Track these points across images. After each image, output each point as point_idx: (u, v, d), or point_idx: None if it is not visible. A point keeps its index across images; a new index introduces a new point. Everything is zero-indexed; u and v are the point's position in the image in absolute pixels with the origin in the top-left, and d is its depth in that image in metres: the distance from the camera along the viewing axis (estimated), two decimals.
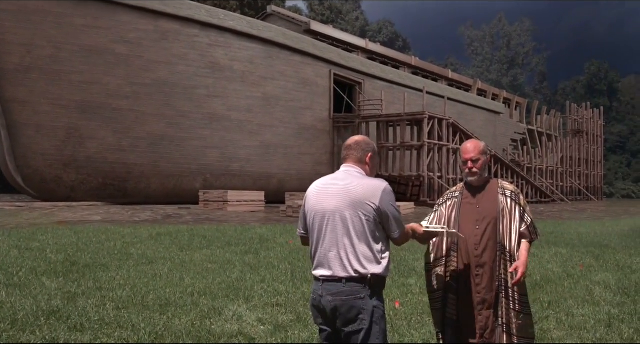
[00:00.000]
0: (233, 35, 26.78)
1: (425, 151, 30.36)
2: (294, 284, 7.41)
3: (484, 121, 46.11)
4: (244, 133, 27.21)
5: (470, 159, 3.68)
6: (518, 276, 3.48)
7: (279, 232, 14.18)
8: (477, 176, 3.70)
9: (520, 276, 3.48)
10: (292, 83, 29.54)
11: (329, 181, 3.10)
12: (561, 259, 10.16)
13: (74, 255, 9.49)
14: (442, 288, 3.70)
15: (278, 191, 27.31)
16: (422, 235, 3.44)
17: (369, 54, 37.91)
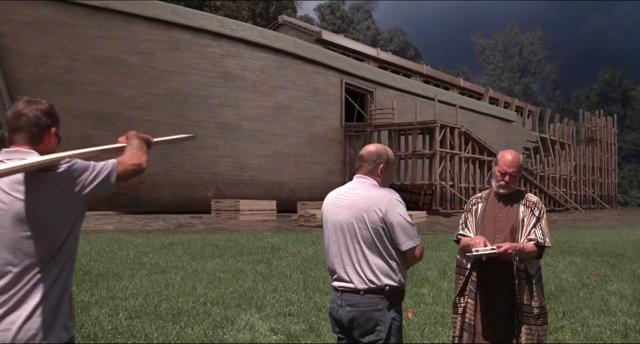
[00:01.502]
0: (245, 45, 26.93)
1: (437, 160, 30.27)
2: (306, 294, 7.39)
3: (496, 129, 45.93)
4: (255, 142, 27.29)
5: (509, 173, 3.67)
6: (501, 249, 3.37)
7: (290, 241, 14.17)
8: (508, 189, 3.70)
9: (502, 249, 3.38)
10: (304, 92, 29.61)
11: (341, 193, 3.11)
12: (576, 269, 10.06)
13: (87, 264, 9.54)
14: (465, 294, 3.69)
15: (290, 200, 27.32)
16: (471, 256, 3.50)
17: (380, 63, 37.94)
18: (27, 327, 2.03)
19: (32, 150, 2.17)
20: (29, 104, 2.23)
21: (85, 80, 22.95)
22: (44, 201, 2.07)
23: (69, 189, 2.11)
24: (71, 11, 22.49)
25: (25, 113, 2.21)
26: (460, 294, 3.71)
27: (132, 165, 2.31)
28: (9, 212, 2.05)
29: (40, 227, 2.07)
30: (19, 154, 2.13)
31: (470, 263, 3.69)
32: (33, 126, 2.21)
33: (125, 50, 23.55)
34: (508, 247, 3.38)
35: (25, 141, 2.19)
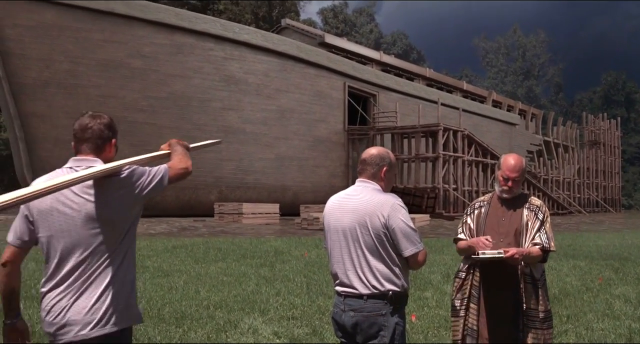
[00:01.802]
0: (248, 48, 26.98)
1: (440, 163, 30.25)
2: (309, 298, 7.38)
3: (499, 132, 45.88)
4: (259, 146, 27.31)
5: (512, 178, 3.65)
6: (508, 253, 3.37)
7: (294, 244, 14.16)
8: (512, 194, 3.68)
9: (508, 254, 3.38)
10: (307, 96, 29.64)
11: (343, 197, 3.10)
12: (580, 272, 10.03)
13: None
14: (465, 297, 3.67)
15: (293, 203, 27.32)
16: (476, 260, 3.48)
17: (383, 66, 37.97)
18: (93, 310, 2.37)
19: (97, 158, 2.53)
20: (94, 118, 2.59)
21: (88, 84, 23.02)
22: (110, 202, 2.42)
23: (131, 191, 2.48)
24: (75, 15, 22.57)
25: (91, 126, 2.56)
26: (460, 297, 3.70)
27: (180, 169, 2.66)
28: (81, 212, 2.40)
29: (107, 224, 2.42)
30: (86, 162, 2.51)
31: (467, 266, 3.68)
32: (97, 138, 2.56)
33: (128, 54, 23.62)
34: (515, 252, 3.37)
35: (90, 150, 2.56)
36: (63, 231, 2.41)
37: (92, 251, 2.40)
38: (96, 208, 2.39)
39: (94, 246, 2.41)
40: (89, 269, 2.40)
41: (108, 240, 2.42)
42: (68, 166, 2.56)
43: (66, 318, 2.36)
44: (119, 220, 2.46)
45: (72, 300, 2.38)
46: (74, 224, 2.40)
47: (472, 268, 3.66)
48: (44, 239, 2.45)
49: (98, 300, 2.38)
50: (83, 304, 2.37)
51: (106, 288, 2.40)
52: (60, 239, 2.41)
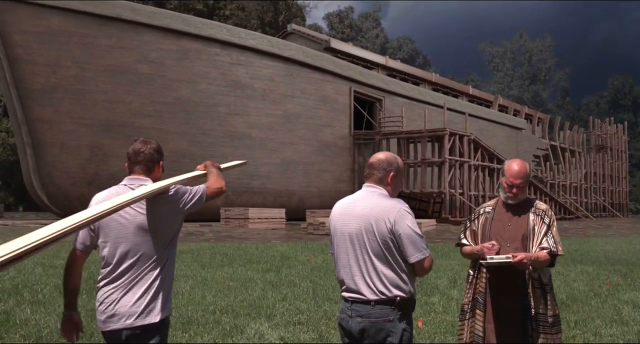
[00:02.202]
0: (254, 53, 27.05)
1: (446, 168, 30.19)
2: (315, 303, 7.36)
3: (505, 137, 45.79)
4: (264, 150, 27.34)
5: (517, 185, 3.62)
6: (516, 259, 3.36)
7: (300, 249, 14.14)
8: (517, 200, 3.66)
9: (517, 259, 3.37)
10: (313, 100, 29.67)
11: (349, 202, 3.08)
12: (587, 278, 9.97)
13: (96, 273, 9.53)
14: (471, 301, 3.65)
15: (299, 208, 27.32)
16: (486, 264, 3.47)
17: (389, 71, 37.98)
18: (138, 304, 2.81)
19: (147, 178, 2.99)
20: (145, 144, 3.07)
21: (95, 89, 23.12)
22: (158, 214, 2.87)
23: (175, 207, 2.92)
24: (82, 21, 22.70)
25: (143, 151, 3.03)
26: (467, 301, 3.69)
27: (216, 188, 3.09)
28: (133, 222, 2.85)
29: (154, 234, 2.86)
30: (139, 181, 2.97)
31: (475, 271, 3.66)
32: (148, 161, 3.02)
33: (135, 60, 23.72)
34: (523, 257, 3.35)
35: (142, 171, 3.02)
36: (118, 237, 2.85)
37: (141, 255, 2.84)
38: (147, 220, 2.85)
39: (142, 251, 2.85)
40: (138, 270, 2.84)
41: (154, 247, 2.87)
42: (124, 183, 3.01)
43: (115, 309, 2.81)
44: (164, 230, 2.90)
45: (121, 295, 2.81)
46: (127, 232, 2.85)
47: (478, 273, 3.65)
48: (102, 244, 2.90)
49: (142, 296, 2.82)
50: (129, 298, 2.80)
51: (150, 286, 2.84)
52: (116, 245, 2.85)
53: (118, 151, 23.66)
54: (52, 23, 22.31)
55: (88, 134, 23.23)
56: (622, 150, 60.29)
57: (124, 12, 23.44)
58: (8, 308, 6.73)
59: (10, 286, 8.26)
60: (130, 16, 23.51)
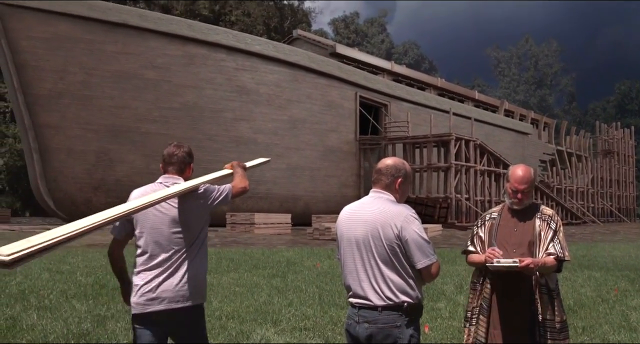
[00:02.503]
0: (259, 59, 27.11)
1: (452, 173, 30.14)
2: (321, 308, 7.35)
3: (511, 141, 45.69)
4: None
5: (521, 190, 3.61)
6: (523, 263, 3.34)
7: (306, 255, 14.13)
8: (522, 205, 3.65)
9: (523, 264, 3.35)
10: (318, 106, 29.70)
11: (356, 207, 3.07)
12: (595, 283, 9.91)
13: (103, 278, 9.57)
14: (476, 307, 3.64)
15: (304, 213, 27.30)
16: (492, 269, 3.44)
17: (394, 76, 37.99)
18: (177, 289, 3.14)
19: (180, 177, 3.39)
20: (178, 148, 3.47)
21: (102, 95, 23.22)
22: (189, 209, 3.24)
23: (204, 202, 3.30)
24: (89, 27, 22.82)
25: (176, 154, 3.43)
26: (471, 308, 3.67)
27: (240, 188, 3.48)
28: (167, 216, 3.21)
29: (186, 226, 3.22)
30: (172, 180, 3.36)
31: (481, 278, 3.65)
32: (181, 162, 3.42)
33: (141, 65, 23.81)
34: (530, 262, 3.33)
35: (175, 171, 3.41)
36: (154, 228, 3.21)
37: (175, 244, 3.18)
38: (179, 214, 3.21)
39: (176, 241, 3.19)
40: (172, 258, 3.17)
41: (186, 238, 3.21)
42: (159, 181, 3.39)
43: (156, 293, 3.12)
44: (194, 223, 3.25)
45: (160, 281, 3.14)
46: (162, 223, 3.20)
47: (483, 278, 3.63)
48: (139, 234, 3.24)
49: (179, 282, 3.15)
50: (168, 284, 3.13)
51: (185, 273, 3.17)
52: (152, 235, 3.20)
53: (124, 156, 23.74)
54: (59, 29, 22.44)
55: (94, 139, 23.31)
56: (629, 155, 60.03)
57: (130, 18, 23.55)
58: (15, 313, 6.75)
59: (17, 291, 8.28)
60: (137, 22, 23.62)
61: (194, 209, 3.25)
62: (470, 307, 3.68)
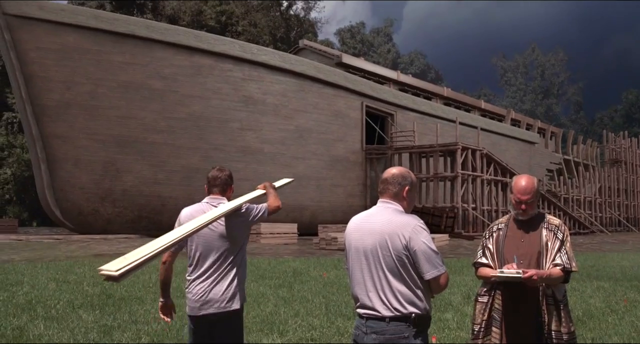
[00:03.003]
0: (266, 69, 27.21)
1: (459, 182, 30.07)
2: (328, 319, 7.32)
3: (518, 151, 45.58)
4: (276, 165, 27.38)
5: (525, 201, 3.60)
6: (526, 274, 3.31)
7: (312, 265, 14.09)
8: (527, 215, 3.63)
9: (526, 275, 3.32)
10: (325, 115, 29.73)
11: (364, 218, 3.06)
12: (604, 294, 9.84)
13: (109, 288, 9.57)
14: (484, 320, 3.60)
15: (311, 223, 27.27)
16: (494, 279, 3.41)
17: (400, 86, 38.03)
18: (225, 293, 3.66)
19: (223, 197, 3.89)
20: (221, 171, 3.97)
21: (109, 105, 23.34)
22: (234, 226, 3.76)
23: (246, 219, 3.83)
24: (97, 38, 22.98)
25: (220, 177, 3.94)
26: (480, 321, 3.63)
27: (275, 207, 3.95)
28: (216, 232, 3.72)
29: (232, 240, 3.75)
30: (217, 200, 3.87)
31: (488, 289, 3.62)
32: (224, 184, 3.95)
33: (148, 76, 23.94)
34: (534, 273, 3.31)
35: (219, 192, 3.92)
36: (205, 242, 3.72)
37: (222, 255, 3.71)
38: (226, 229, 3.73)
39: (222, 252, 3.72)
40: (221, 267, 3.69)
41: (231, 249, 3.73)
42: (206, 201, 3.89)
43: (207, 297, 3.64)
44: (238, 237, 3.78)
45: (211, 286, 3.65)
46: (212, 238, 3.71)
47: (493, 290, 3.61)
48: (191, 246, 3.76)
49: (227, 287, 3.67)
50: (218, 289, 3.65)
51: (232, 280, 3.69)
52: (203, 247, 3.72)
53: (131, 166, 23.81)
54: (68, 40, 22.61)
55: (101, 149, 23.41)
56: (636, 164, 59.73)
57: (137, 29, 23.71)
58: (22, 324, 6.75)
59: (24, 301, 8.29)
60: (144, 33, 23.77)
61: (238, 225, 3.78)
62: (478, 320, 3.65)
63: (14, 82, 22.94)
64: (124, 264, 2.95)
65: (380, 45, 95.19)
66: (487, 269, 3.63)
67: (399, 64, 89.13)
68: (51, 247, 18.07)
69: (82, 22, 22.72)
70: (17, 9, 21.97)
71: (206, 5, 57.64)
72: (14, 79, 22.66)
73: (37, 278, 10.72)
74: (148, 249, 3.18)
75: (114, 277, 2.89)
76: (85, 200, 23.36)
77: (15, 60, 22.20)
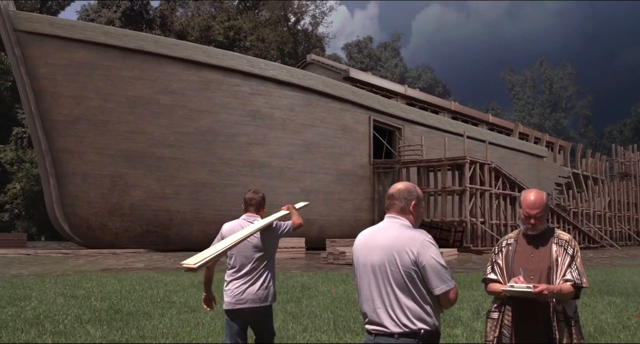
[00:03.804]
0: (273, 83, 27.31)
1: (467, 196, 29.95)
2: (336, 334, 7.26)
3: (526, 164, 45.41)
4: (284, 180, 27.39)
5: (534, 215, 3.58)
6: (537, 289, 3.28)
7: (320, 280, 14.02)
8: (537, 230, 3.61)
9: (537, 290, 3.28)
10: (332, 129, 29.77)
11: (372, 233, 3.05)
12: (615, 309, 9.72)
13: (117, 303, 9.55)
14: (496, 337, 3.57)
15: (318, 237, 27.19)
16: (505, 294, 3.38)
17: (408, 100, 38.05)
18: (259, 293, 4.51)
19: (257, 215, 4.80)
20: (256, 193, 4.87)
21: (118, 120, 23.47)
22: (266, 239, 4.61)
23: (276, 233, 4.70)
24: (106, 53, 23.18)
25: (255, 198, 4.84)
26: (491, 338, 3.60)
27: (298, 223, 4.87)
28: (251, 243, 4.55)
29: (264, 250, 4.59)
30: (253, 217, 4.76)
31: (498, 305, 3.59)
32: (258, 205, 4.83)
33: (157, 91, 24.09)
34: (544, 288, 3.28)
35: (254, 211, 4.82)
36: (243, 251, 4.56)
37: (256, 262, 4.57)
38: (260, 242, 4.59)
39: (256, 259, 4.57)
40: (254, 272, 4.55)
41: (263, 257, 4.59)
42: (244, 218, 4.76)
43: (243, 296, 4.50)
44: (269, 248, 4.65)
45: (246, 287, 4.51)
46: (247, 248, 4.56)
47: (503, 306, 3.57)
48: (231, 253, 4.57)
49: (260, 288, 4.52)
50: (252, 289, 4.51)
51: (263, 282, 4.55)
52: (241, 255, 4.57)
53: (139, 180, 23.88)
54: (77, 56, 22.81)
55: (110, 164, 23.51)
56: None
57: (147, 45, 23.90)
58: (30, 339, 6.74)
59: (32, 316, 8.28)
60: (153, 48, 23.95)
61: (270, 238, 4.64)
62: (490, 337, 3.61)
63: (24, 98, 23.15)
64: (199, 259, 4.05)
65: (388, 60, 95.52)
66: (497, 285, 3.61)
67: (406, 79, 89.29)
68: (59, 262, 18.10)
69: (91, 38, 22.95)
70: (28, 25, 22.22)
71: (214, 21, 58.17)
72: (24, 94, 22.87)
73: (45, 292, 10.73)
74: (211, 251, 4.23)
75: (193, 268, 4.00)
76: (93, 214, 23.42)
77: (25, 76, 22.41)
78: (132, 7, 53.76)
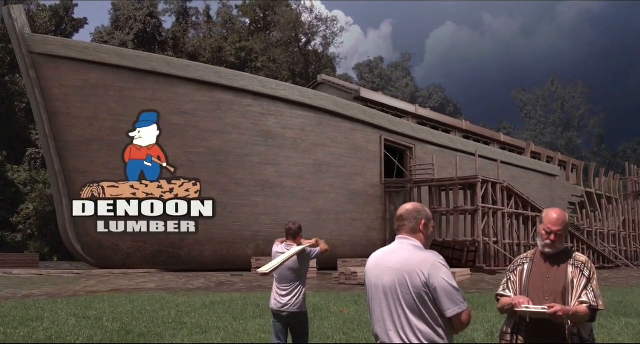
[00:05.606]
0: (285, 104, 27.44)
1: (479, 216, 29.73)
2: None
3: (539, 184, 45.12)
4: (295, 199, 27.38)
5: (555, 231, 3.55)
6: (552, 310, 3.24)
7: (332, 300, 13.92)
8: (554, 249, 3.57)
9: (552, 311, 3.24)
10: (343, 149, 29.79)
11: (384, 255, 3.03)
12: (633, 331, 9.55)
13: (129, 324, 9.52)
14: None
15: (330, 257, 26.92)
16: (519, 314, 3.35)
17: (419, 119, 38.04)
18: (294, 302, 5.99)
19: (294, 243, 6.20)
20: (293, 224, 6.31)
21: (130, 141, 23.65)
22: (300, 260, 6.11)
23: (307, 257, 6.19)
24: (119, 75, 23.45)
25: (292, 228, 6.30)
26: None
27: (324, 249, 6.36)
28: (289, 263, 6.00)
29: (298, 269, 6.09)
30: (290, 246, 6.16)
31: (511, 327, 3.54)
32: (295, 234, 6.27)
33: (169, 111, 24.28)
34: (559, 309, 3.23)
35: (292, 239, 6.23)
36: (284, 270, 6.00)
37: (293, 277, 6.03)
38: (296, 262, 6.03)
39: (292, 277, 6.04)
40: (292, 284, 6.02)
41: (297, 274, 6.06)
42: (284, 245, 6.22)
43: (283, 303, 5.98)
44: (302, 268, 6.12)
45: (285, 296, 5.98)
46: (286, 267, 6.00)
47: (516, 328, 3.52)
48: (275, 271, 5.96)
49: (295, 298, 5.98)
50: (288, 299, 5.97)
51: (297, 294, 6.01)
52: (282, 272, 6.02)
53: None
54: (91, 77, 23.09)
55: None
56: None
57: (159, 66, 24.15)
58: None
59: (44, 336, 8.27)
60: (166, 69, 24.20)
61: (303, 261, 6.11)
62: None
63: (38, 119, 23.41)
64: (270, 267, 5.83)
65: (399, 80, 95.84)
66: (507, 299, 3.56)
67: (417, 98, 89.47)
68: (71, 282, 18.12)
69: (105, 60, 23.24)
70: (42, 48, 22.55)
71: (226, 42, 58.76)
72: (38, 115, 23.13)
73: (57, 313, 10.72)
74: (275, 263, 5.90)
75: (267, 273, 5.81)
76: (105, 234, 23.50)
77: (39, 97, 22.69)
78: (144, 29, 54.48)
